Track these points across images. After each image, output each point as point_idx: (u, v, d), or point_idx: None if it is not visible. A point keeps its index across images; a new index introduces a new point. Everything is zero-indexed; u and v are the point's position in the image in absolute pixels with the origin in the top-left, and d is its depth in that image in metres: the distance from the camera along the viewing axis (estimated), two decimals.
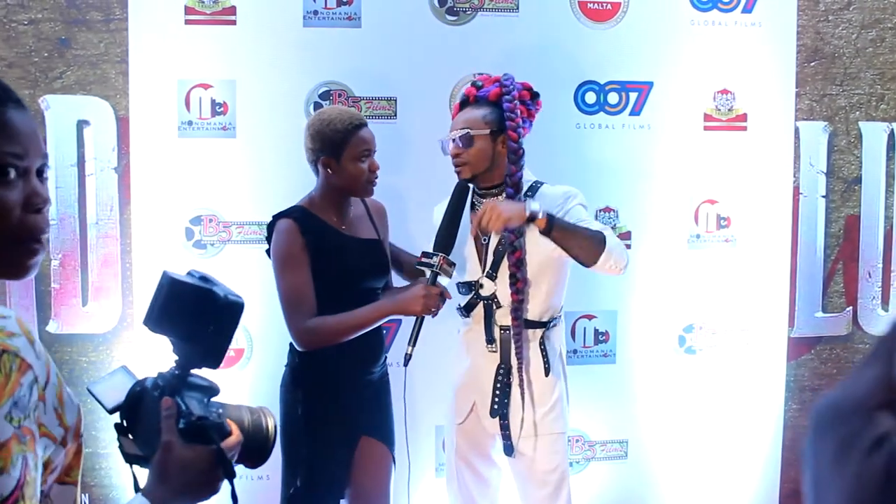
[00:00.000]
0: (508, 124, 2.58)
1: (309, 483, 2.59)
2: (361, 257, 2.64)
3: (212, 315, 1.19)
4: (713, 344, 3.64)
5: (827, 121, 3.71)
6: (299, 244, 2.55)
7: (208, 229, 3.32)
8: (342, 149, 2.56)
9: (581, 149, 3.51)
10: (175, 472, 1.15)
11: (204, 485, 1.19)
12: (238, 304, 1.22)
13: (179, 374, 1.21)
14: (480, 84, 2.70)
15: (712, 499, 3.69)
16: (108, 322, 3.32)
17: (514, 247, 2.54)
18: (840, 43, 3.70)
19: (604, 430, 3.61)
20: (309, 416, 2.59)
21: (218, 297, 1.20)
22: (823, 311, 3.78)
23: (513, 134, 2.57)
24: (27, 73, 3.25)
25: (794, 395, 3.77)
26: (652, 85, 3.53)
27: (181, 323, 1.19)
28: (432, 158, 2.92)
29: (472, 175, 2.62)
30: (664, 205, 3.57)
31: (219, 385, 1.25)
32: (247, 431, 1.27)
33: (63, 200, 3.28)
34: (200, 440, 1.17)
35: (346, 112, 2.64)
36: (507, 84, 2.63)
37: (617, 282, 3.52)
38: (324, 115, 2.63)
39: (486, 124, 2.61)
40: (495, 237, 2.61)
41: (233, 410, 1.28)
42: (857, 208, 3.76)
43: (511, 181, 2.57)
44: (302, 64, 3.33)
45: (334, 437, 2.61)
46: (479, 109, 2.63)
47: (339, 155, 2.56)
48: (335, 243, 2.60)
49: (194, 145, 3.30)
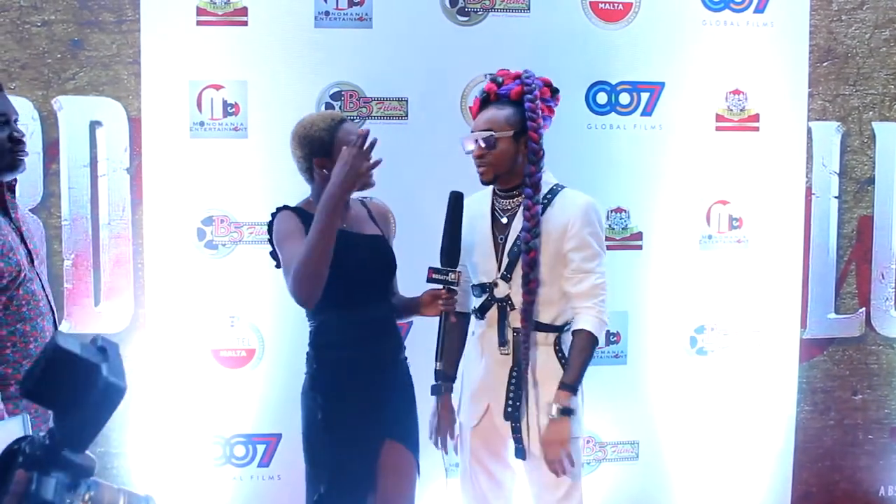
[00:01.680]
0: (530, 125, 2.56)
1: (333, 488, 2.57)
2: (363, 251, 2.61)
3: (92, 392, 1.09)
4: (725, 345, 3.62)
5: (840, 121, 3.70)
6: (300, 227, 2.52)
7: (220, 230, 3.33)
8: (331, 145, 2.54)
9: (592, 149, 3.50)
10: None
11: None
12: (118, 390, 1.11)
13: (51, 447, 1.10)
14: (501, 80, 2.66)
15: (724, 500, 3.67)
16: (121, 322, 3.34)
17: (529, 246, 2.52)
18: (853, 43, 3.68)
19: (615, 431, 3.60)
20: (328, 421, 2.56)
21: (99, 376, 1.09)
22: (836, 313, 3.76)
23: (534, 135, 2.55)
24: (40, 75, 3.27)
25: (806, 396, 3.75)
26: (664, 85, 3.52)
27: (60, 394, 1.09)
28: (443, 159, 2.92)
29: (494, 176, 2.60)
30: (676, 205, 3.56)
31: (95, 462, 1.14)
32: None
33: (76, 201, 3.29)
34: None
35: (324, 113, 2.65)
36: (529, 82, 2.61)
37: (628, 283, 3.52)
38: (304, 122, 2.61)
39: (509, 126, 2.57)
40: (512, 237, 2.60)
41: (107, 493, 1.15)
42: (870, 209, 3.75)
43: (531, 181, 2.55)
44: (313, 64, 3.34)
45: (357, 441, 2.58)
46: (501, 109, 2.59)
47: (330, 152, 2.54)
48: (337, 241, 2.57)
49: (206, 146, 3.31)
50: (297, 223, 2.54)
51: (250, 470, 3.41)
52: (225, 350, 3.33)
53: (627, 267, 3.51)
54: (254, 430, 3.39)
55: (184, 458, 3.34)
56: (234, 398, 3.36)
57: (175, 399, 3.28)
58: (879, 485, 3.83)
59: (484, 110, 2.63)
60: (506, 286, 2.62)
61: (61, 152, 3.27)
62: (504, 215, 2.64)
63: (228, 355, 3.35)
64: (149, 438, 3.34)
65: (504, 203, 2.65)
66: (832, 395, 3.80)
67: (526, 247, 2.53)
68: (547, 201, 2.59)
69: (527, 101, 2.57)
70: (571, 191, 2.64)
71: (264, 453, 3.40)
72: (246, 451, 3.40)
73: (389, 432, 2.62)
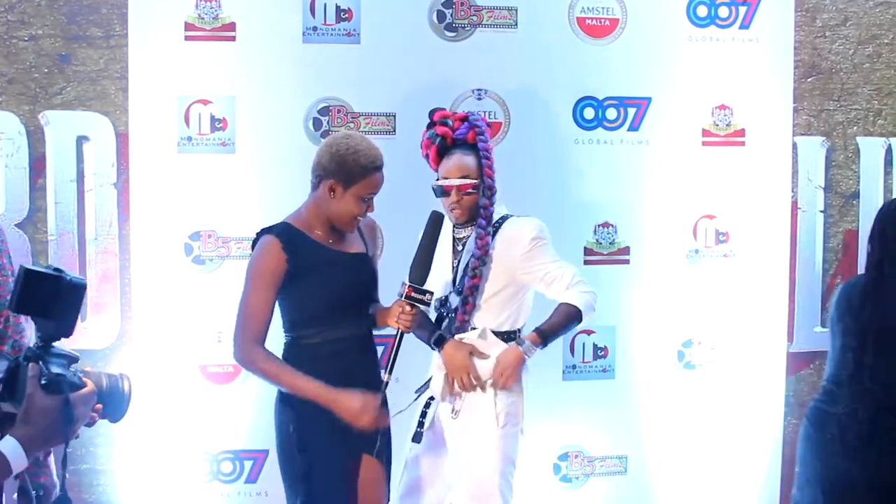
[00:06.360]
0: (485, 162, 2.82)
1: (311, 499, 2.58)
2: (347, 272, 2.63)
3: (60, 295, 1.49)
4: (712, 359, 3.63)
5: (825, 136, 3.72)
6: (277, 266, 2.54)
7: (207, 245, 3.32)
8: (354, 183, 2.55)
9: (579, 164, 3.51)
10: (35, 415, 1.43)
11: (59, 426, 1.45)
12: (81, 285, 1.54)
13: (42, 345, 1.50)
14: (450, 123, 2.87)
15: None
16: (107, 338, 3.31)
17: (474, 273, 2.79)
18: (837, 59, 3.72)
19: (603, 445, 3.60)
20: (301, 433, 2.58)
21: (63, 280, 1.50)
22: (822, 326, 3.77)
23: (489, 171, 2.82)
24: (27, 89, 3.26)
25: (793, 410, 3.76)
26: (650, 100, 3.54)
27: (37, 303, 1.49)
28: (431, 174, 2.92)
29: (468, 217, 2.85)
30: (663, 220, 3.58)
31: (78, 355, 1.55)
32: (104, 389, 1.57)
33: (62, 216, 3.28)
34: (57, 392, 1.45)
35: (373, 149, 2.59)
36: (479, 124, 2.86)
37: (616, 297, 3.52)
38: (352, 142, 2.58)
39: (477, 172, 2.82)
40: (465, 260, 2.86)
41: (93, 375, 1.57)
42: (855, 223, 3.77)
43: (484, 213, 2.82)
44: (301, 80, 3.34)
45: (332, 453, 2.60)
46: (467, 156, 2.83)
47: (348, 187, 2.56)
48: (321, 258, 2.59)
49: (194, 161, 3.30)
50: (279, 259, 2.55)
51: (237, 486, 3.39)
52: (212, 365, 3.32)
53: (615, 281, 3.52)
54: (241, 446, 3.37)
55: (171, 474, 3.32)
56: (221, 414, 3.35)
57: (162, 415, 3.26)
58: None
59: (449, 156, 2.85)
60: (457, 299, 2.86)
61: (48, 167, 3.26)
62: (459, 243, 2.92)
63: (216, 371, 3.34)
64: (136, 454, 3.31)
65: (459, 232, 2.92)
66: None
67: (472, 272, 2.80)
68: (496, 228, 2.85)
69: (480, 143, 2.83)
70: (516, 219, 2.89)
71: (251, 469, 3.38)
72: (233, 467, 3.38)
73: (363, 447, 2.62)
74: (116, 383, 1.60)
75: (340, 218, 2.60)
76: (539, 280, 2.82)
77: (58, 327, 1.51)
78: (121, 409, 1.62)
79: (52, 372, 1.46)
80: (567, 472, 3.58)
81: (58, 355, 1.51)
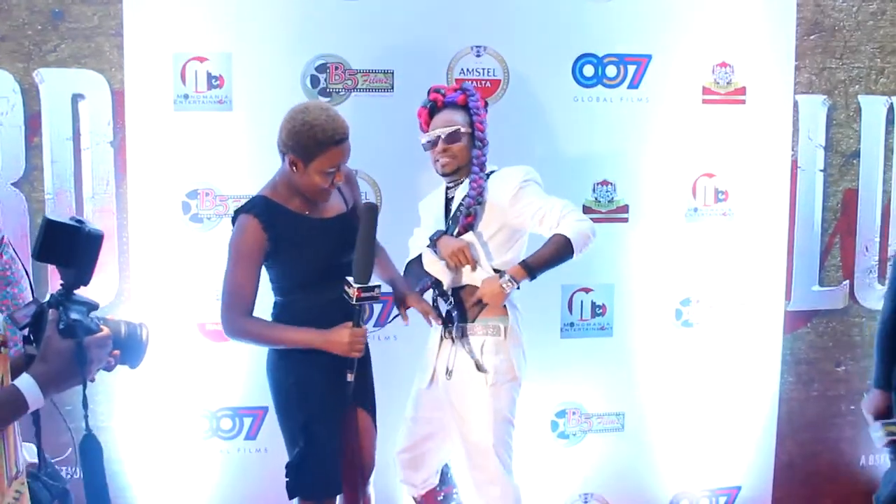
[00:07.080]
0: (476, 118, 2.92)
1: (311, 447, 2.63)
2: (329, 238, 2.65)
3: (80, 244, 1.57)
4: (710, 317, 3.64)
5: (826, 94, 3.70)
6: (258, 244, 2.57)
7: (205, 203, 3.31)
8: (313, 159, 2.53)
9: (579, 122, 3.49)
10: (52, 357, 1.52)
11: (73, 367, 1.54)
12: (99, 235, 1.60)
13: (63, 292, 1.59)
14: (444, 91, 2.97)
15: (708, 470, 3.72)
16: (106, 296, 3.31)
17: (468, 211, 2.86)
18: (840, 16, 3.68)
19: (601, 402, 3.63)
20: (300, 384, 2.65)
21: (83, 231, 1.57)
22: (820, 285, 3.78)
23: (479, 125, 2.92)
24: (20, 47, 3.22)
25: (790, 368, 3.78)
26: (650, 58, 3.51)
27: (57, 252, 1.57)
28: None
29: (456, 167, 2.91)
30: (662, 178, 3.56)
31: (98, 302, 1.65)
32: (122, 336, 1.66)
33: (59, 175, 3.26)
34: (72, 336, 1.53)
35: (330, 121, 2.51)
36: (470, 90, 2.97)
37: (614, 255, 3.53)
38: (308, 117, 2.52)
39: (466, 124, 2.91)
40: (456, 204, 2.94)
41: (112, 322, 1.66)
42: (855, 182, 3.76)
43: (477, 161, 2.89)
44: (298, 36, 3.31)
45: (327, 403, 2.65)
46: (455, 113, 2.92)
47: (308, 163, 2.54)
48: (302, 230, 2.61)
49: (190, 119, 3.28)
50: (258, 238, 2.57)
51: (237, 443, 3.42)
52: (211, 323, 3.32)
53: (613, 239, 3.52)
54: (240, 404, 3.39)
55: (170, 431, 3.34)
56: (220, 371, 3.36)
57: (161, 373, 3.27)
58: (860, 455, 3.88)
59: (437, 115, 2.95)
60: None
61: (43, 125, 3.24)
62: (451, 202, 2.97)
63: (214, 328, 3.33)
64: (135, 412, 3.33)
65: (451, 191, 2.98)
66: (816, 367, 3.83)
67: (466, 210, 2.85)
68: (487, 177, 2.91)
69: (471, 102, 2.94)
70: (507, 168, 2.95)
71: (251, 426, 3.41)
72: (233, 423, 3.41)
73: (356, 397, 2.72)
74: (135, 331, 1.70)
75: (308, 191, 2.61)
76: (530, 219, 2.84)
77: (77, 275, 1.59)
78: (138, 356, 1.72)
79: (69, 317, 1.54)
80: (565, 429, 3.61)
81: (79, 302, 1.60)
